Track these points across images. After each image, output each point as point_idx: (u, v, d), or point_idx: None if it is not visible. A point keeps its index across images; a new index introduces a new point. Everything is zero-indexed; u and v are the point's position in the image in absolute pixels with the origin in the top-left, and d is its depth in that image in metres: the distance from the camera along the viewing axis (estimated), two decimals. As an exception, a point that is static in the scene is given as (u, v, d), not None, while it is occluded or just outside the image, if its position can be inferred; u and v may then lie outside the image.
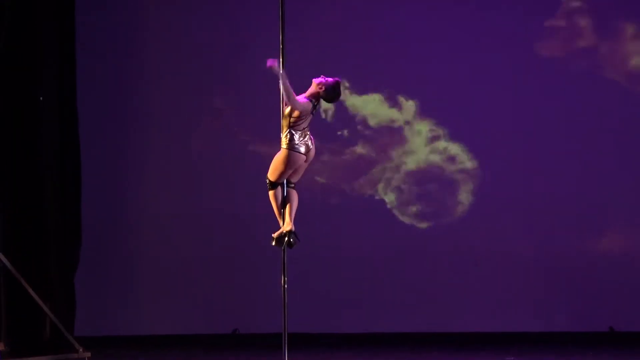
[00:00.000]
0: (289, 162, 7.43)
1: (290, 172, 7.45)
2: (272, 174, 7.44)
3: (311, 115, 7.44)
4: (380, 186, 10.45)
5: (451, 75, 10.38)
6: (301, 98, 7.30)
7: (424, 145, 10.49)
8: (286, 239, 7.54)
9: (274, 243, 7.57)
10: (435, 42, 10.42)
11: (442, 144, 10.45)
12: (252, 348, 10.02)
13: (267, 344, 9.63)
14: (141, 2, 10.62)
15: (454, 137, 10.47)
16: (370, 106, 10.52)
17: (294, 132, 7.39)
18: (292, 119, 7.32)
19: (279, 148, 7.37)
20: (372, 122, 10.51)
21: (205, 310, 10.35)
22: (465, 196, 10.44)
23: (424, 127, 10.49)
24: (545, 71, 10.38)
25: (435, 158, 10.46)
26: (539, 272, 10.35)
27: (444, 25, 10.42)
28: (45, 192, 9.67)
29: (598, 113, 10.34)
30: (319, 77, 7.45)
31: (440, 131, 10.48)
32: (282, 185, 7.45)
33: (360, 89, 10.50)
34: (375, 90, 10.52)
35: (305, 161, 7.47)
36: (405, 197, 10.44)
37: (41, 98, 9.60)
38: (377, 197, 10.47)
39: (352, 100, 10.49)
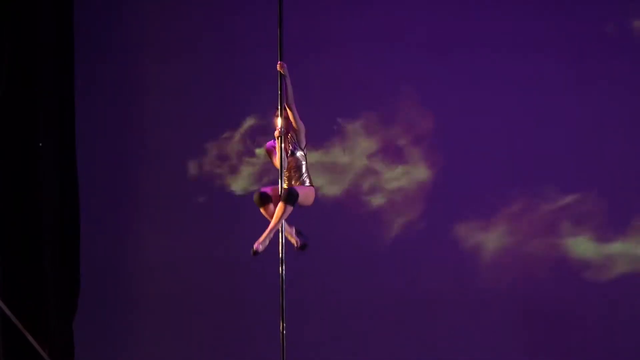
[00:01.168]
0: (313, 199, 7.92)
1: None
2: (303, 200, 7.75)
3: None
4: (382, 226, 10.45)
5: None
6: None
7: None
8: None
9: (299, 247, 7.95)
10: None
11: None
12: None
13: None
14: (142, 45, 10.60)
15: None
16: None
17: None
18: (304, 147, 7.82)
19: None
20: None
21: (205, 355, 10.30)
22: (459, 238, 10.43)
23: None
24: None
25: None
26: (534, 314, 10.28)
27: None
28: (44, 237, 9.70)
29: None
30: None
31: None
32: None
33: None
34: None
35: None
36: (405, 240, 10.42)
37: (40, 144, 9.67)
38: (378, 238, 10.44)
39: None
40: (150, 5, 10.59)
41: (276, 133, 7.79)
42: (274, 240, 7.85)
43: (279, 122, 7.78)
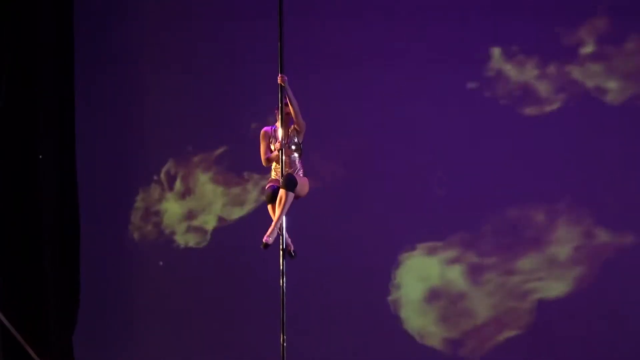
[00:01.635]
0: None
1: None
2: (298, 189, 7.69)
3: None
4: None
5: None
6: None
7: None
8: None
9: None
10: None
11: None
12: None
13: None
14: (142, 46, 10.53)
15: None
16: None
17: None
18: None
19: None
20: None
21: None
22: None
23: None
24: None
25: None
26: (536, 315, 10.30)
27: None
28: (44, 251, 9.71)
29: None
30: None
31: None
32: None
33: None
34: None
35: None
36: (406, 252, 10.41)
37: (40, 156, 9.66)
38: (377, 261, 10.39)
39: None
40: (151, 6, 10.51)
41: (277, 145, 7.77)
42: (275, 253, 7.84)
43: (279, 133, 7.75)
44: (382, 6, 10.34)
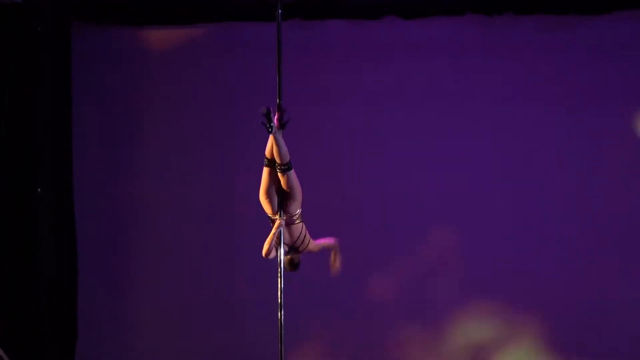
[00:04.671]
0: None
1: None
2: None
3: None
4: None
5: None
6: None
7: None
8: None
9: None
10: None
11: None
12: None
13: None
14: (139, 96, 10.47)
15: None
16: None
17: None
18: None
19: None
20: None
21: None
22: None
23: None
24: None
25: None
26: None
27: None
28: (41, 285, 9.77)
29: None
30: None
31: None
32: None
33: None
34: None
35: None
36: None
37: (39, 190, 9.72)
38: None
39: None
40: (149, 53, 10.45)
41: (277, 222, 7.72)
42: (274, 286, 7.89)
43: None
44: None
